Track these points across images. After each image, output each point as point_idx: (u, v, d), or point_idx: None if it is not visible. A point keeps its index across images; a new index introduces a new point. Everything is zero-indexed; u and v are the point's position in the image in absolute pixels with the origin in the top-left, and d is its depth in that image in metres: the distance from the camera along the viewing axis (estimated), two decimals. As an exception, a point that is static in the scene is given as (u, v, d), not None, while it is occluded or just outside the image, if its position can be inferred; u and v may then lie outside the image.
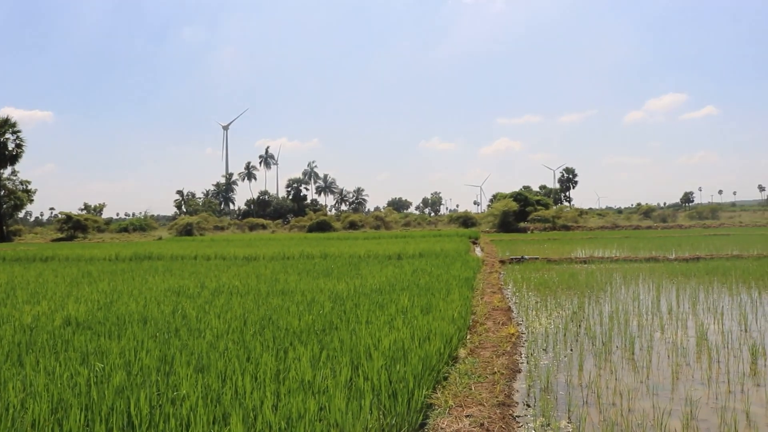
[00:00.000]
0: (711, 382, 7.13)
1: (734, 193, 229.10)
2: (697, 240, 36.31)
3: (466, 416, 5.56)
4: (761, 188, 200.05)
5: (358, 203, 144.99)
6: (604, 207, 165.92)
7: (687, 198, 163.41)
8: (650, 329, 10.08)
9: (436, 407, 5.83)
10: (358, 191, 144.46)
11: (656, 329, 10.10)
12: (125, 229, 77.64)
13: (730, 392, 6.73)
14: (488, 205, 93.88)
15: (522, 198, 77.73)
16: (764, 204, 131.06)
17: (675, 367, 7.73)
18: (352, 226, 78.81)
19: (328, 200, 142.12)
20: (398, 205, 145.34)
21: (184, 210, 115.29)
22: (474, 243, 40.83)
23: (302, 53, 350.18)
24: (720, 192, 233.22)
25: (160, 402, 5.37)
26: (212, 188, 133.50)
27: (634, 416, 6.00)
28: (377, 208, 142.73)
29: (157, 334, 8.51)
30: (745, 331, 9.86)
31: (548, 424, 5.80)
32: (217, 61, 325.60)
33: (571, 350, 8.74)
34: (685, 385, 7.03)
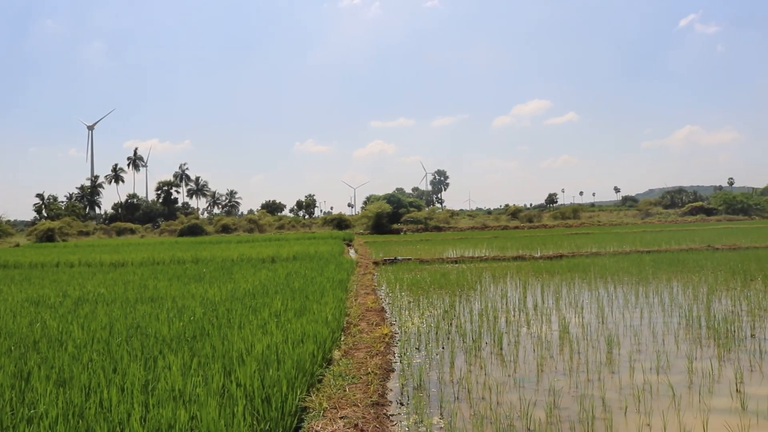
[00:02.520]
0: (572, 372, 7.53)
1: (593, 195, 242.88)
2: (560, 239, 38.19)
3: (341, 418, 5.58)
4: (617, 189, 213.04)
5: (231, 206, 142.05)
6: (474, 208, 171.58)
7: (551, 199, 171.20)
8: (517, 325, 10.50)
9: (311, 410, 5.82)
10: (232, 194, 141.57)
11: (523, 325, 10.54)
12: (-25, 237, 72.22)
13: (589, 381, 7.13)
14: (362, 207, 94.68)
15: (395, 200, 78.94)
16: (620, 204, 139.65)
17: (540, 360, 8.10)
18: (225, 229, 77.22)
19: (200, 203, 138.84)
20: (272, 207, 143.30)
21: (45, 215, 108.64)
22: (348, 245, 41.05)
23: (175, 52, 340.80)
24: (581, 193, 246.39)
25: (14, 422, 5.04)
26: (76, 191, 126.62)
27: (502, 409, 6.23)
28: (251, 211, 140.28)
29: (12, 348, 7.99)
30: (603, 323, 10.47)
31: (421, 421, 5.92)
32: (83, 56, 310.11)
33: (443, 348, 8.96)
34: (549, 376, 7.38)
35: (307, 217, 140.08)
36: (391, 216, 70.22)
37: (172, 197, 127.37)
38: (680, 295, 13.10)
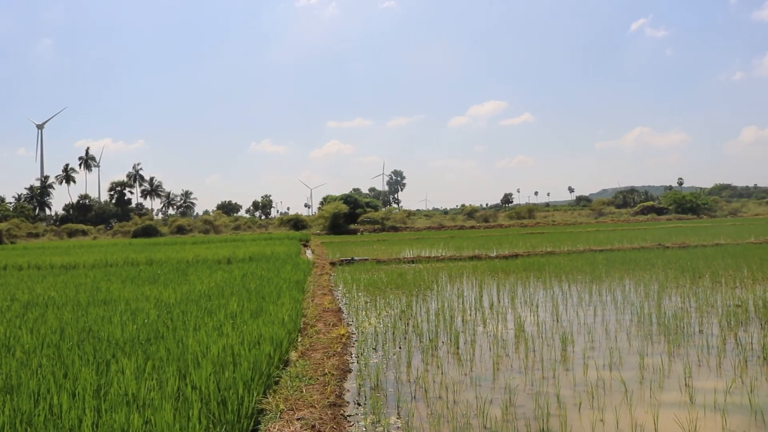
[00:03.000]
0: (527, 370, 7.62)
1: (548, 194, 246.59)
2: (515, 238, 38.61)
3: (298, 419, 5.56)
4: (571, 190, 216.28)
5: (186, 207, 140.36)
6: (431, 208, 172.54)
7: (507, 199, 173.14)
8: (474, 324, 10.59)
9: (268, 412, 5.79)
10: (187, 194, 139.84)
11: (479, 324, 10.63)
12: None
13: (544, 378, 7.23)
14: (319, 208, 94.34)
15: (352, 200, 78.83)
16: (574, 204, 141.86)
17: (496, 358, 8.18)
18: (180, 230, 76.20)
19: (154, 204, 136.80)
20: (228, 208, 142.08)
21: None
22: (305, 245, 40.90)
23: (129, 50, 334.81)
24: (536, 193, 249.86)
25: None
26: (25, 192, 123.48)
27: (459, 407, 6.28)
28: (206, 212, 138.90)
29: (-41, 353, 7.76)
30: (557, 321, 10.63)
31: (378, 421, 5.93)
32: (32, 53, 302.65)
33: (400, 348, 8.99)
34: (504, 374, 7.46)
35: (263, 217, 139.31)
36: (347, 216, 70.21)
37: (126, 198, 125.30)
38: (632, 292, 13.37)
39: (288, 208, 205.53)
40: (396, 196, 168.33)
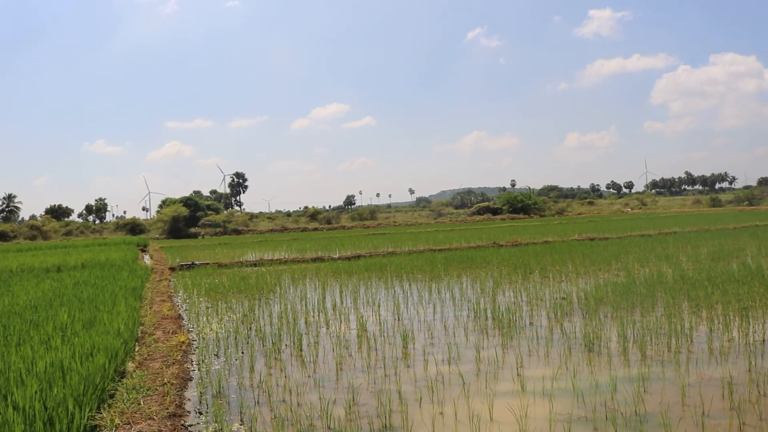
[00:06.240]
0: (370, 368, 7.73)
1: (390, 196, 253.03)
2: (358, 239, 39.13)
3: (134, 432, 5.29)
4: (412, 191, 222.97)
5: (9, 211, 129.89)
6: (274, 210, 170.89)
7: (349, 201, 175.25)
8: (317, 326, 10.61)
9: (102, 428, 5.47)
10: (10, 198, 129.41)
11: (322, 325, 10.66)
12: None
13: (386, 376, 7.37)
14: (157, 211, 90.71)
15: (192, 203, 76.64)
16: (414, 205, 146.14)
17: (339, 358, 8.23)
18: (2, 237, 70.51)
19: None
20: (58, 212, 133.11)
21: None
22: (143, 251, 39.21)
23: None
24: (378, 195, 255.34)
25: None
26: None
27: (303, 409, 6.25)
28: (33, 217, 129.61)
29: None
30: (398, 319, 10.87)
31: (221, 429, 5.77)
32: None
33: (243, 353, 8.83)
34: (348, 374, 7.52)
35: (98, 222, 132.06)
36: (188, 220, 68.19)
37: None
38: (469, 289, 13.95)
39: (125, 212, 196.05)
40: (238, 198, 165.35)
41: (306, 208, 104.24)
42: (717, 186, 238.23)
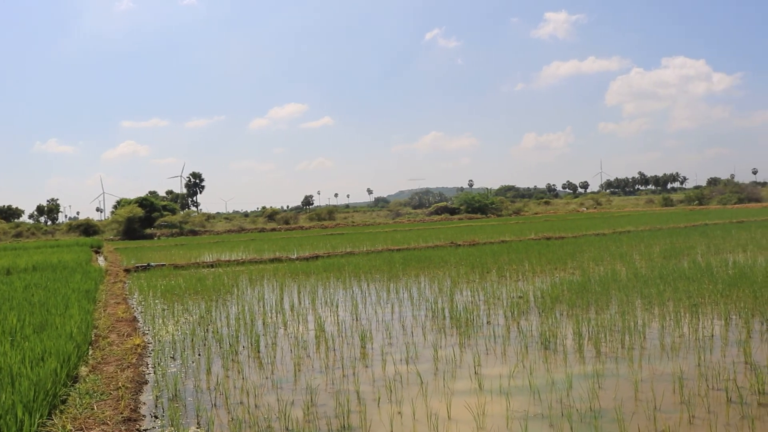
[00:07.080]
0: (328, 369, 7.72)
1: (348, 196, 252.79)
2: (316, 239, 39.00)
3: (87, 437, 5.20)
4: (370, 191, 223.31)
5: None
6: (231, 211, 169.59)
7: (307, 201, 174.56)
8: (275, 327, 10.55)
9: (53, 434, 5.35)
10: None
11: (280, 326, 10.60)
12: None
13: (345, 376, 7.36)
14: (112, 212, 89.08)
15: (148, 204, 75.34)
16: (373, 205, 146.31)
17: (297, 359, 8.20)
18: (-52, 240, 68.54)
19: None
20: (7, 213, 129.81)
21: None
22: (97, 252, 38.47)
23: None
24: (336, 195, 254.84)
25: None
26: None
27: (260, 411, 6.21)
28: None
29: None
30: (357, 320, 10.87)
31: (177, 433, 5.71)
32: None
33: (200, 355, 8.73)
34: (306, 375, 7.50)
35: (49, 223, 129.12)
36: (143, 220, 67.13)
37: None
38: (427, 289, 14.01)
39: (78, 213, 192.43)
40: (195, 199, 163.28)
41: (264, 208, 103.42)
42: (669, 186, 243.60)
